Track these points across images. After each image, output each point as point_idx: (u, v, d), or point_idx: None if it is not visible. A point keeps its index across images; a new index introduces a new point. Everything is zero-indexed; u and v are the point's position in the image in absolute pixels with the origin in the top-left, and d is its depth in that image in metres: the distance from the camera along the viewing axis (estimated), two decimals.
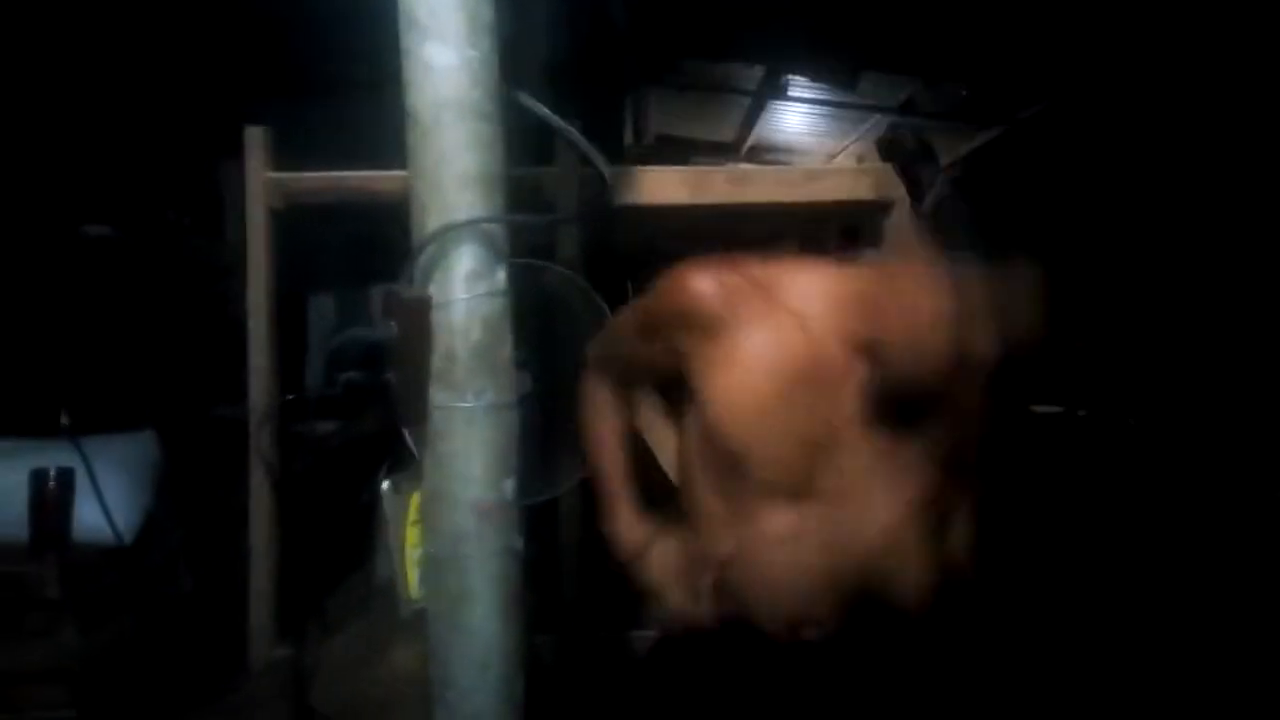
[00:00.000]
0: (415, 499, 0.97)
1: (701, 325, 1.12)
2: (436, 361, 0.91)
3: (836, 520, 1.12)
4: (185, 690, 1.58)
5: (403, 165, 0.92)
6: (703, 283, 1.13)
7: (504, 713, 0.95)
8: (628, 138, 3.82)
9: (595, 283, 1.70)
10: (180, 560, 1.87)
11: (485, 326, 0.91)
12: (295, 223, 1.83)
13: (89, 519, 1.82)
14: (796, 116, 4.16)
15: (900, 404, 1.09)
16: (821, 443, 1.11)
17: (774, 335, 1.11)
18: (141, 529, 1.87)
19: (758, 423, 1.11)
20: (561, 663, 1.73)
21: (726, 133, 4.47)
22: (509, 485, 0.94)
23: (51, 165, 2.27)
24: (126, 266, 2.20)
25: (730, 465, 1.14)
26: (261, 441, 1.55)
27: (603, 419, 1.30)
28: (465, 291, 0.90)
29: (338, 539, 1.29)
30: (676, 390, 1.24)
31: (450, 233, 0.88)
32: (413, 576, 0.98)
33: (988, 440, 1.20)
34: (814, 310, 1.12)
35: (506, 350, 0.95)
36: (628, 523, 1.25)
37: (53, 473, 1.74)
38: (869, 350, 1.10)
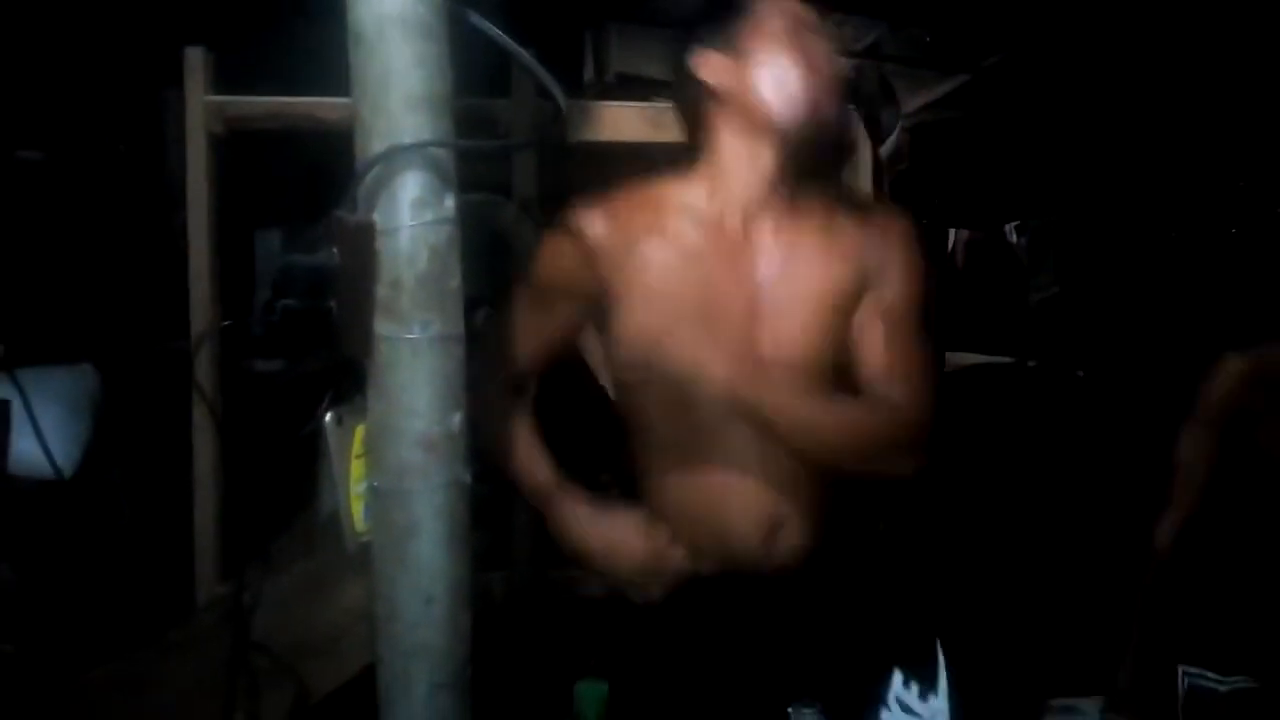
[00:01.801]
0: (359, 431, 0.95)
1: (598, 256, 1.20)
2: (381, 291, 0.88)
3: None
4: (127, 626, 1.55)
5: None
6: (587, 220, 1.22)
7: (450, 646, 0.94)
8: (587, 75, 3.73)
9: (551, 222, 1.67)
10: (121, 495, 1.84)
11: (433, 255, 0.88)
12: (240, 152, 1.77)
13: (26, 452, 1.78)
14: None
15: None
16: (742, 338, 1.16)
17: (672, 239, 1.19)
18: (81, 463, 1.83)
19: (676, 325, 1.15)
20: (511, 599, 1.74)
21: None
22: (456, 419, 0.92)
23: None
24: (62, 193, 2.12)
25: (661, 386, 1.18)
26: (202, 373, 1.52)
27: (503, 419, 1.27)
28: (412, 218, 0.87)
29: (281, 473, 1.27)
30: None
31: (396, 156, 0.84)
32: (358, 510, 0.97)
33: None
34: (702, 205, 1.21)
35: (455, 281, 0.92)
36: (569, 507, 1.25)
37: None
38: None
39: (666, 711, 1.15)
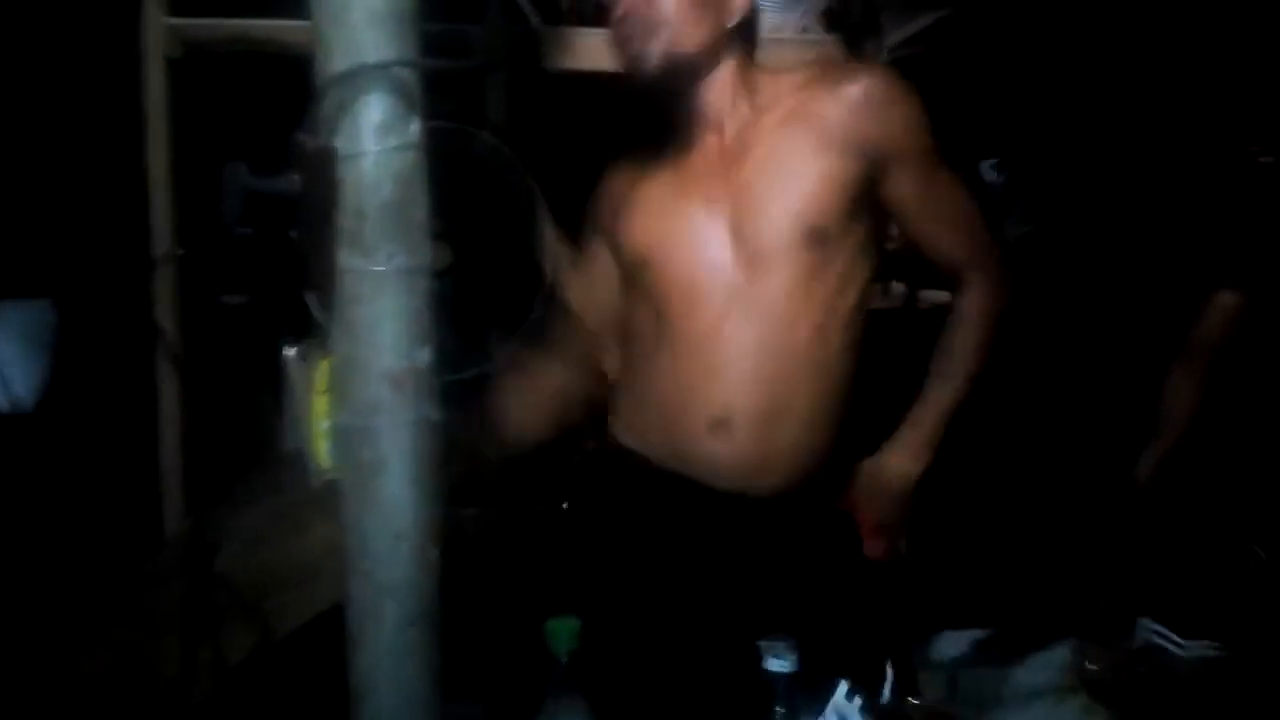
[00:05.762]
0: (323, 367, 0.93)
1: (605, 202, 1.33)
2: (344, 220, 0.85)
3: (750, 335, 1.19)
4: (94, 559, 1.54)
5: None
6: (601, 190, 1.37)
7: (419, 582, 0.93)
8: (564, 2, 3.63)
9: (524, 154, 1.62)
10: (86, 430, 1.81)
11: (397, 183, 0.85)
12: (207, 78, 1.71)
13: None
14: None
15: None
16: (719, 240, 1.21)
17: (658, 160, 1.27)
18: (41, 397, 1.80)
19: (650, 223, 1.25)
20: (485, 535, 1.73)
21: None
22: (423, 353, 0.90)
23: None
24: (12, 121, 2.04)
25: (643, 284, 1.24)
26: (163, 305, 1.48)
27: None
28: (375, 144, 0.83)
29: (247, 407, 1.25)
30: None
31: (358, 76, 0.81)
32: (322, 447, 0.95)
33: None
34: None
35: (421, 211, 0.89)
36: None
37: None
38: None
39: (636, 645, 1.15)
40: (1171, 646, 1.13)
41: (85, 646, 1.34)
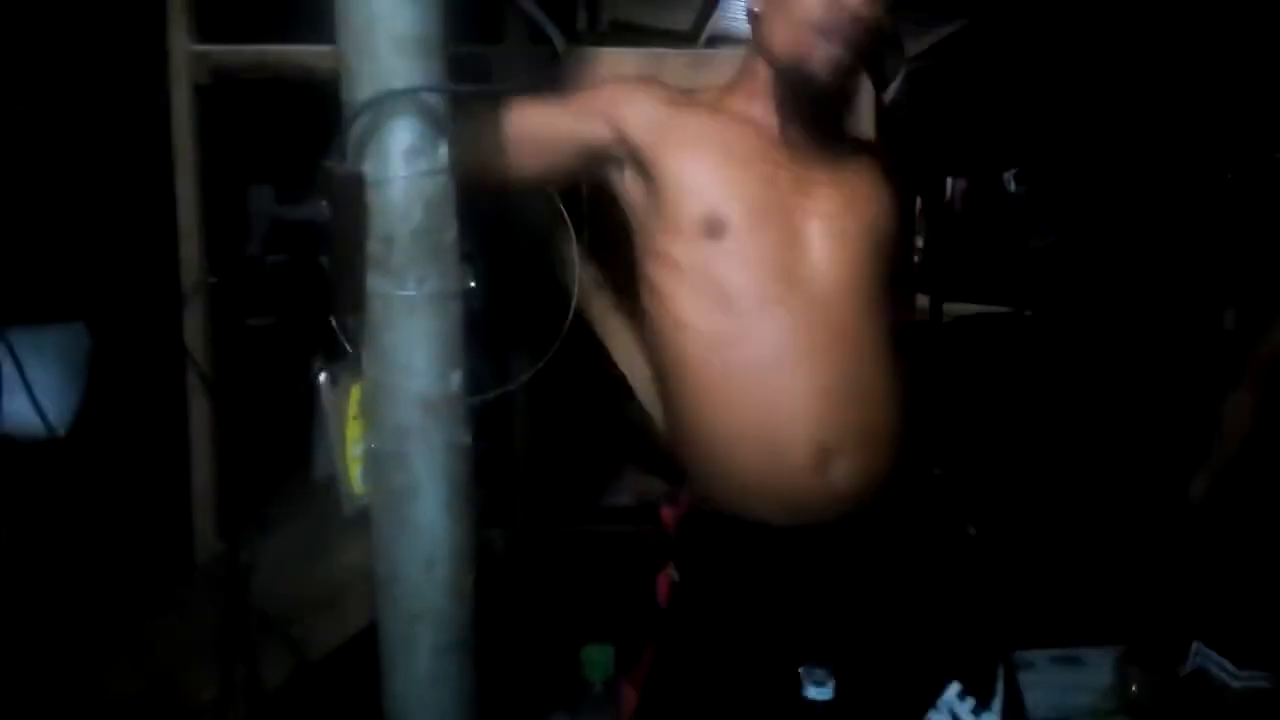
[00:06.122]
0: (355, 392, 0.92)
1: (649, 111, 1.21)
2: (373, 245, 0.85)
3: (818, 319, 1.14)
4: (125, 585, 1.55)
5: None
6: (645, 82, 1.28)
7: (452, 608, 0.93)
8: (580, 23, 3.65)
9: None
10: (118, 455, 1.82)
11: (427, 208, 0.85)
12: (232, 102, 1.72)
13: (18, 413, 1.75)
14: None
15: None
16: (784, 216, 1.17)
17: (717, 121, 1.22)
18: (75, 422, 1.81)
19: (728, 180, 1.18)
20: (513, 556, 1.72)
21: (683, 21, 4.31)
22: (455, 378, 0.90)
23: None
24: (45, 147, 2.06)
25: (707, 252, 1.15)
26: (193, 332, 1.49)
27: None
28: (404, 169, 0.83)
29: (279, 431, 1.24)
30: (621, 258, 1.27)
31: (386, 103, 0.81)
32: (355, 472, 0.94)
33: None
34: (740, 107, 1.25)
35: (451, 234, 0.89)
36: None
37: None
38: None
39: (690, 669, 1.12)
40: (1222, 674, 1.08)
41: (119, 671, 1.34)
